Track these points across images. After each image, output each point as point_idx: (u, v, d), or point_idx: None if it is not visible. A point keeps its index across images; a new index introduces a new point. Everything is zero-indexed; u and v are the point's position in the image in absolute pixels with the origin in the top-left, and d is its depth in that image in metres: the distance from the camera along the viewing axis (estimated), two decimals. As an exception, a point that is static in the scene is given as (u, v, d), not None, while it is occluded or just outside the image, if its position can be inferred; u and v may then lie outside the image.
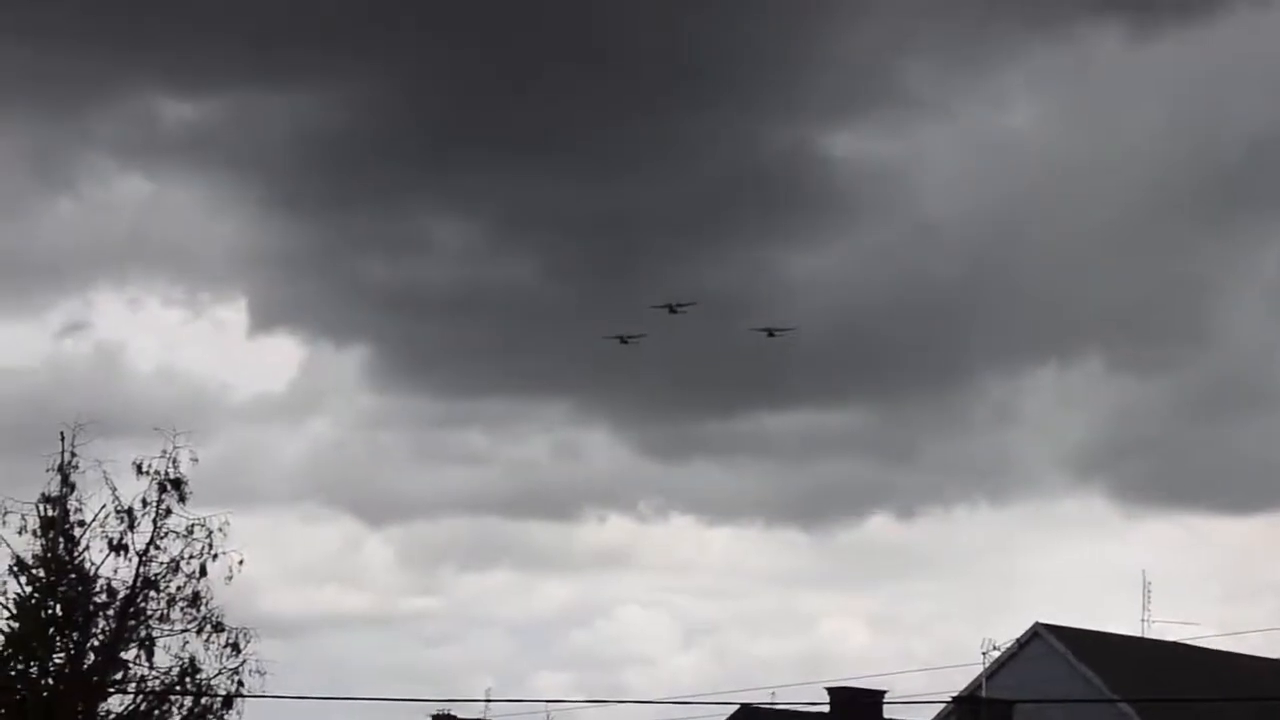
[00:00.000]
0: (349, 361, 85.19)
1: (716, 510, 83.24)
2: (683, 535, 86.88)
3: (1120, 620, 50.07)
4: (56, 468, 27.66)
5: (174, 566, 27.85)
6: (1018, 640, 43.71)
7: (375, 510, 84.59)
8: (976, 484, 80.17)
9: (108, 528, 27.73)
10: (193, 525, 27.95)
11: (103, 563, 27.68)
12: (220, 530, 27.96)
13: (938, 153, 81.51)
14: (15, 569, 27.21)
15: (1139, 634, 47.30)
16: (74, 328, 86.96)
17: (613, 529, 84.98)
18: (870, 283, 77.76)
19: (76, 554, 27.56)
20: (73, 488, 27.69)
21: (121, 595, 27.61)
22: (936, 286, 77.59)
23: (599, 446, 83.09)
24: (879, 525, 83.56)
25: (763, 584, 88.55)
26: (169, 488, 27.93)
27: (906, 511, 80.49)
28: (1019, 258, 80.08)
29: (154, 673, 27.74)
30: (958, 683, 43.90)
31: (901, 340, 77.16)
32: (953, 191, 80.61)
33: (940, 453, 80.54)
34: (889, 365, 77.26)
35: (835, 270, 78.36)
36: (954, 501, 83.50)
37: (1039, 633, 43.63)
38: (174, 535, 27.93)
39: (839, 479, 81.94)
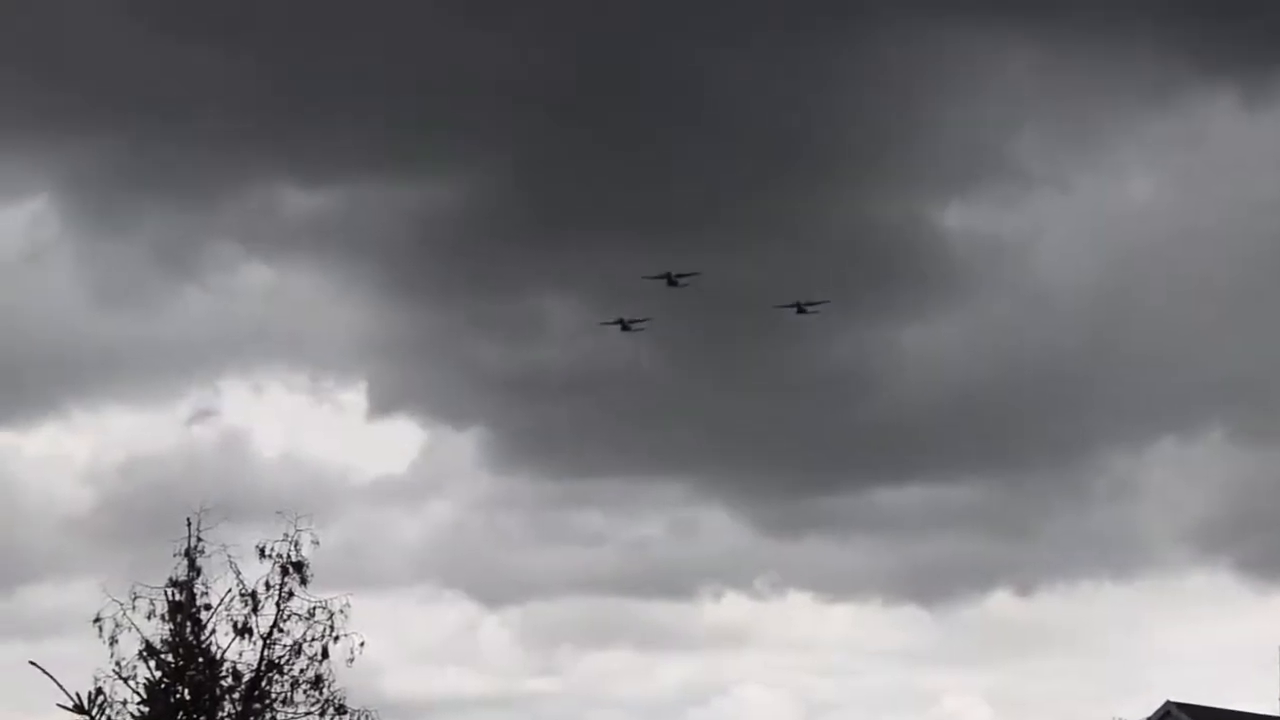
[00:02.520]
0: (467, 443, 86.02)
1: (834, 587, 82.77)
2: (801, 612, 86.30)
3: (1254, 698, 48.91)
4: (183, 552, 28.14)
5: (297, 649, 28.14)
6: (1148, 719, 42.88)
7: (494, 591, 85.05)
8: (1099, 559, 78.99)
9: (233, 611, 28.13)
10: (315, 608, 28.26)
11: (229, 646, 28.05)
12: (341, 612, 28.24)
13: (1052, 224, 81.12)
14: (145, 653, 27.63)
15: (1274, 712, 46.16)
16: (202, 415, 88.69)
17: (730, 606, 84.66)
18: (985, 355, 77.38)
19: (204, 638, 27.94)
20: (199, 572, 28.13)
21: (247, 678, 27.92)
22: (1053, 358, 76.99)
23: (715, 524, 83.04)
24: (1000, 601, 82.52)
25: (883, 661, 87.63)
26: (291, 571, 28.30)
27: (1027, 587, 79.50)
28: (1137, 328, 79.26)
29: (279, 755, 28.00)
30: (1086, 762, 43.09)
31: (1018, 413, 76.55)
32: (1069, 262, 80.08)
33: (1060, 528, 79.57)
34: (1006, 439, 76.64)
35: (950, 343, 78.08)
36: (1077, 577, 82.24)
37: (1171, 711, 42.75)
38: (297, 618, 28.25)
39: (958, 555, 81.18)
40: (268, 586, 28.18)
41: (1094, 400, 78.26)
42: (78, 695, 27.04)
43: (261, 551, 28.26)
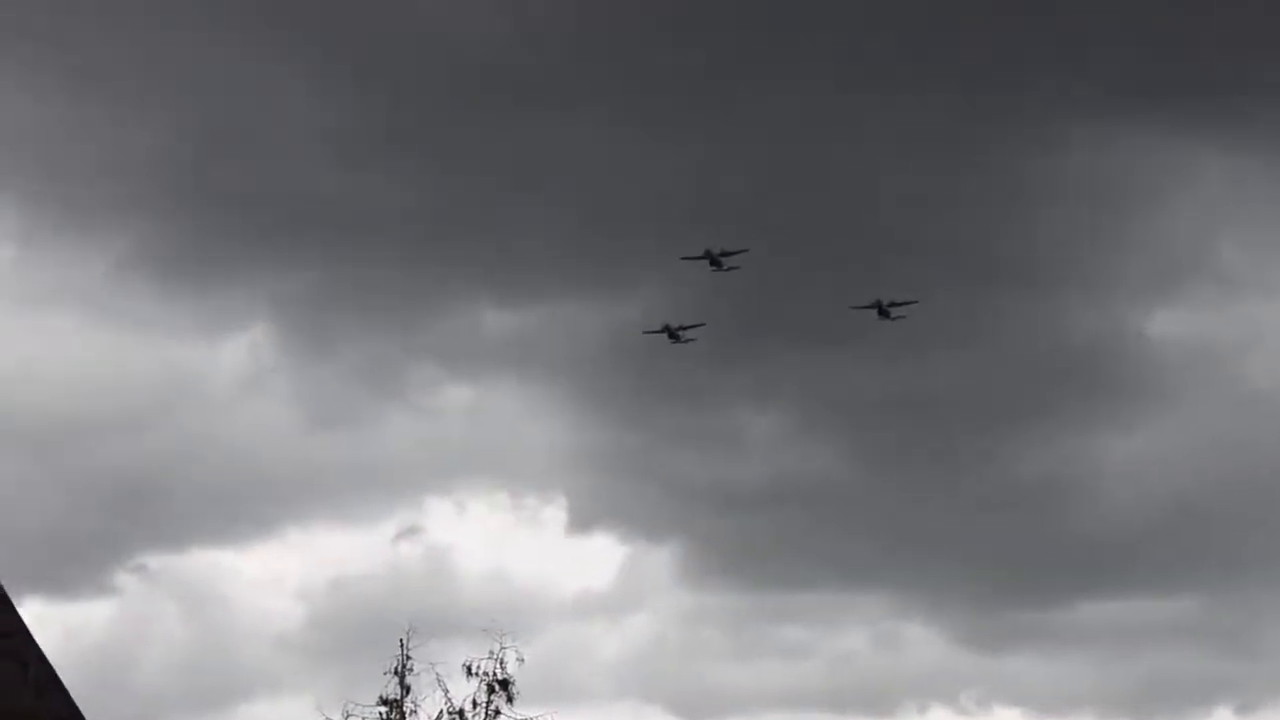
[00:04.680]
0: (665, 557, 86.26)
1: (1044, 703, 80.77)
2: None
3: None
4: (394, 670, 28.71)
5: (505, 766, 28.47)
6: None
7: (695, 707, 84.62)
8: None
9: (442, 729, 28.56)
10: (521, 725, 28.60)
11: (440, 764, 28.47)
12: (547, 729, 28.52)
13: (1262, 328, 79.17)
14: (359, 772, 28.17)
15: None
16: (408, 533, 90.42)
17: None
18: (1195, 463, 75.50)
19: (415, 757, 28.40)
20: (409, 690, 28.69)
21: (457, 797, 28.29)
22: (1268, 464, 74.78)
23: (918, 637, 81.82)
24: (1221, 720, 79.56)
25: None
26: (497, 688, 28.71)
27: (1249, 706, 76.67)
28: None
29: None
30: None
31: (1232, 521, 74.39)
32: (1280, 364, 77.94)
33: (1282, 641, 76.59)
34: (1219, 549, 74.44)
35: (1158, 451, 76.37)
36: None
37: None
38: (504, 735, 28.60)
39: (1172, 670, 78.73)
40: (475, 704, 28.62)
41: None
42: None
43: (469, 670, 28.75)
